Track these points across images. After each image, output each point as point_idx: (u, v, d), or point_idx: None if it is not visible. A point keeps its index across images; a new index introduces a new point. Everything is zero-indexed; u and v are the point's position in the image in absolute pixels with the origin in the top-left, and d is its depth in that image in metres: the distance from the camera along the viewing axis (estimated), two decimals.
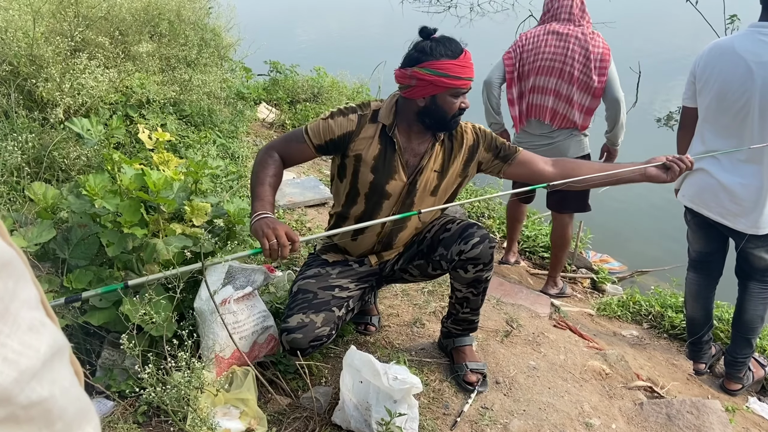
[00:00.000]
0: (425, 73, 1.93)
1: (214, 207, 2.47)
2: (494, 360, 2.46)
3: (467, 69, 1.96)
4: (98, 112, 3.38)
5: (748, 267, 2.72)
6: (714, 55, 2.49)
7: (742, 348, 2.85)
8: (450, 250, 2.12)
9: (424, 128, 2.08)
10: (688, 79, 2.62)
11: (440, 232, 2.21)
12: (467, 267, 2.12)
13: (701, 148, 2.60)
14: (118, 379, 2.19)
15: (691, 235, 2.88)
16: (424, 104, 2.01)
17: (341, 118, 2.08)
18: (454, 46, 1.95)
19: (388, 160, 2.09)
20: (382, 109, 2.09)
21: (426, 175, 2.13)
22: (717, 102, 2.48)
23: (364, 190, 2.13)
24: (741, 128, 2.44)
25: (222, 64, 4.82)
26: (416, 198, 2.15)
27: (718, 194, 2.55)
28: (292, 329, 2.08)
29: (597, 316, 3.59)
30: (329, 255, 2.34)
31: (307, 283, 2.22)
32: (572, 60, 3.19)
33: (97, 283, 2.19)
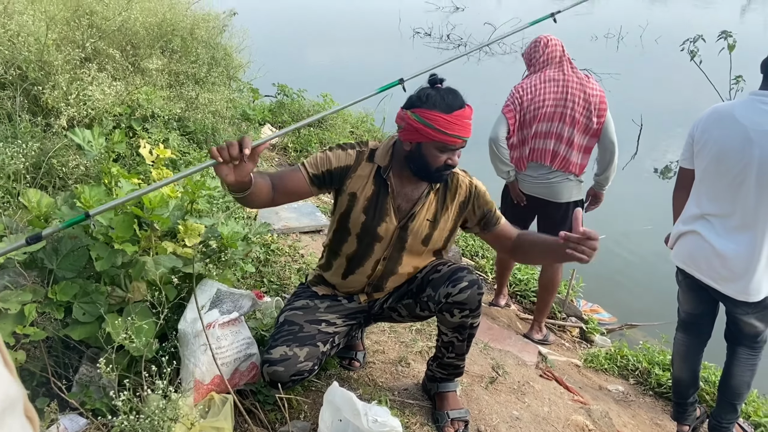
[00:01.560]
0: (413, 119, 1.92)
1: (208, 228, 2.46)
2: (477, 407, 2.42)
3: (458, 126, 1.91)
4: (102, 123, 3.39)
5: (737, 332, 2.71)
6: (713, 120, 2.52)
7: (727, 413, 2.81)
8: (438, 292, 2.09)
9: (412, 174, 2.06)
10: (687, 141, 2.64)
11: (430, 273, 2.18)
12: (453, 311, 2.09)
13: (696, 210, 2.61)
14: (94, 396, 2.14)
15: (681, 295, 2.87)
16: (410, 149, 1.99)
17: (340, 151, 2.07)
18: (451, 100, 1.91)
19: (380, 202, 2.08)
20: (379, 149, 2.08)
21: (418, 222, 2.12)
22: (714, 166, 2.50)
23: (355, 231, 2.11)
24: (736, 195, 2.45)
25: (230, 84, 4.86)
26: (407, 244, 2.14)
27: (710, 258, 2.55)
28: (274, 361, 2.04)
29: (584, 367, 3.56)
30: (319, 288, 2.32)
31: (294, 314, 2.19)
32: (573, 104, 3.27)
33: (82, 296, 2.16)
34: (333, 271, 2.26)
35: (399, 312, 2.30)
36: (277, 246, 3.40)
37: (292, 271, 3.23)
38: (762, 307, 2.58)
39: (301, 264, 3.35)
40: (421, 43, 14.05)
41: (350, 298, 2.27)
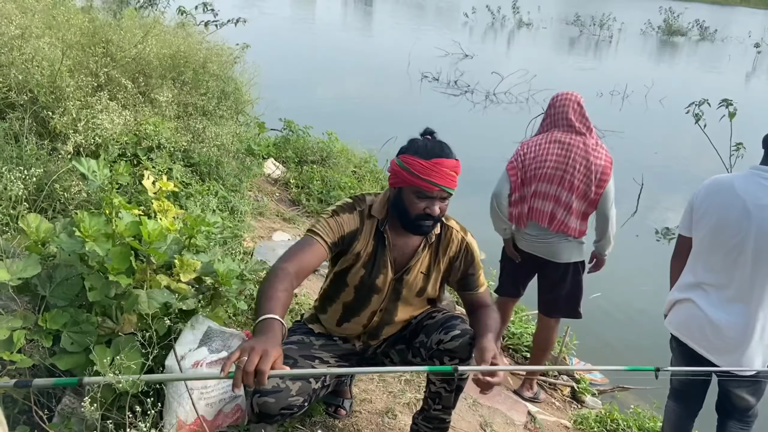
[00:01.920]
0: (396, 162, 1.98)
1: (204, 265, 2.45)
2: None
3: (435, 173, 1.91)
4: (107, 150, 3.41)
5: (728, 405, 2.68)
6: (713, 191, 2.54)
7: None
8: (430, 338, 2.11)
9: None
10: (686, 209, 2.66)
11: (425, 320, 2.21)
12: (443, 359, 2.08)
13: (692, 279, 2.61)
14: (74, 428, 2.11)
15: (675, 362, 2.85)
16: (393, 194, 2.03)
17: (347, 215, 2.06)
18: (434, 148, 1.94)
19: (378, 256, 2.09)
20: (376, 203, 2.09)
21: (413, 275, 2.14)
22: (711, 237, 2.51)
23: (353, 283, 2.13)
24: (733, 267, 2.45)
25: (238, 118, 4.91)
26: (402, 295, 2.16)
27: (704, 327, 2.55)
28: (266, 392, 1.99)
29: (573, 429, 3.50)
30: (315, 326, 2.31)
31: (289, 348, 2.16)
32: (573, 169, 3.23)
33: (72, 326, 2.15)
34: (328, 316, 2.26)
35: (391, 358, 2.29)
36: None
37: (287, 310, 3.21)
38: (754, 381, 2.55)
39: (294, 304, 3.33)
40: (429, 87, 14.26)
41: (345, 340, 2.27)
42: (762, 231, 2.36)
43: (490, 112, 12.84)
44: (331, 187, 5.62)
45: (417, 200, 1.96)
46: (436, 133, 2.03)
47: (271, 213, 4.80)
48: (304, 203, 5.37)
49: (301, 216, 5.15)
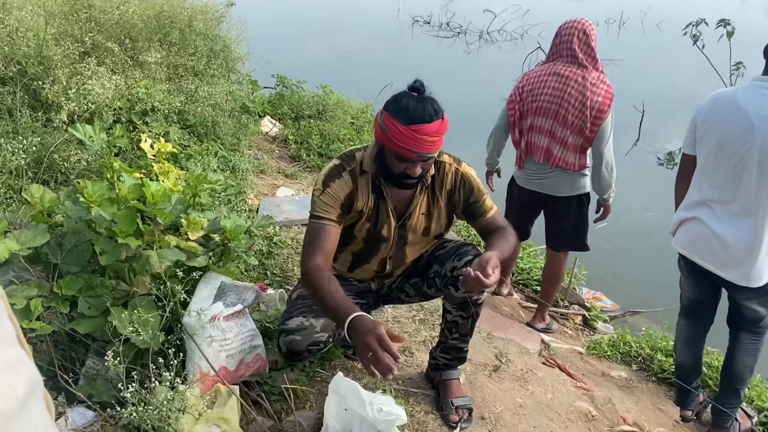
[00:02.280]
0: (378, 121, 1.92)
1: (211, 222, 2.47)
2: (481, 395, 2.43)
3: (412, 141, 1.84)
4: (102, 117, 3.39)
5: (739, 317, 2.72)
6: (715, 106, 2.51)
7: (730, 398, 2.83)
8: (444, 267, 2.15)
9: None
10: (689, 127, 2.64)
11: (437, 250, 2.25)
12: (458, 284, 2.10)
13: (697, 197, 2.61)
14: (101, 389, 2.16)
15: (683, 281, 2.88)
16: (377, 149, 2.00)
17: (337, 182, 2.01)
18: (417, 111, 1.84)
19: (379, 208, 2.10)
20: (366, 158, 2.05)
21: (414, 218, 2.15)
22: (716, 152, 2.49)
23: (361, 236, 2.14)
24: (738, 181, 2.45)
25: (229, 76, 4.85)
26: (409, 239, 2.18)
27: (712, 244, 2.56)
28: (291, 331, 2.07)
29: (587, 354, 3.57)
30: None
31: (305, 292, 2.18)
32: (568, 104, 3.11)
33: (87, 290, 2.18)
34: (338, 264, 2.29)
35: (407, 292, 2.34)
36: (279, 238, 3.41)
37: (294, 264, 3.24)
38: (764, 293, 2.58)
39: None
40: (421, 31, 14.00)
41: (360, 280, 2.32)
42: (766, 143, 2.34)
43: (485, 52, 12.63)
44: (330, 141, 5.58)
45: (397, 162, 1.93)
46: (424, 89, 1.91)
47: (273, 170, 4.78)
48: (305, 158, 5.34)
49: (302, 171, 5.14)
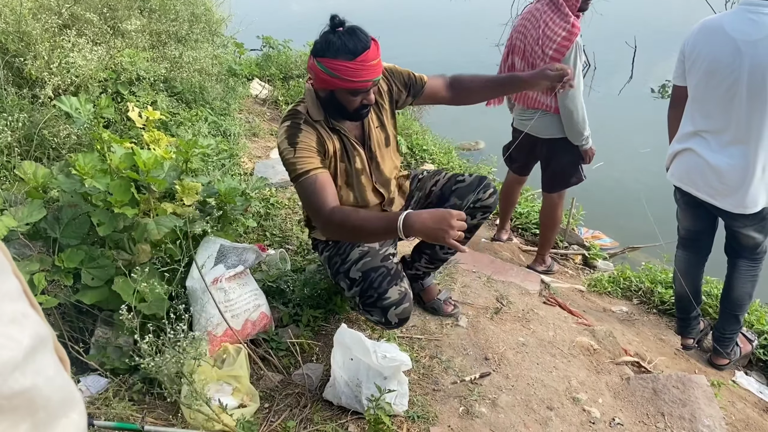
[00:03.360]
0: (320, 69, 1.90)
1: (205, 186, 2.47)
2: (484, 337, 2.49)
3: (365, 71, 1.88)
4: (88, 90, 3.36)
5: (737, 245, 2.75)
6: (703, 35, 2.48)
7: (730, 324, 2.89)
8: (466, 199, 2.28)
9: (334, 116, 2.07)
10: (678, 58, 2.61)
11: (452, 184, 2.35)
12: (477, 214, 2.32)
13: (690, 128, 2.61)
14: (112, 356, 2.21)
15: (680, 213, 2.90)
16: (324, 96, 2.01)
17: (302, 135, 2.00)
18: (356, 43, 1.86)
19: (345, 145, 2.12)
20: (310, 108, 2.05)
21: (373, 136, 2.19)
22: (705, 82, 2.48)
23: (342, 180, 2.16)
24: (728, 110, 2.44)
25: (213, 39, 4.77)
26: (378, 158, 2.22)
27: (706, 174, 2.57)
28: (399, 301, 2.07)
29: (588, 292, 3.63)
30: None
31: (367, 262, 2.17)
32: (528, 39, 3.06)
33: (89, 262, 2.20)
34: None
35: None
36: (276, 199, 3.42)
37: (293, 223, 3.26)
38: (759, 219, 2.60)
39: (301, 215, 3.38)
40: None
41: None
42: (754, 68, 2.32)
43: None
44: None
45: (353, 98, 1.96)
46: (345, 20, 1.92)
47: (265, 133, 4.76)
48: None
49: None
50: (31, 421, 0.52)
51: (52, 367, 0.56)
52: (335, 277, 2.26)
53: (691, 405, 2.33)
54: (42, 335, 0.55)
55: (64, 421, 0.55)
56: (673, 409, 2.32)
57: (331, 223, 1.94)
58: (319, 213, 1.95)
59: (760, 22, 2.32)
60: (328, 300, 2.54)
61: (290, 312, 2.47)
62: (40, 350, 0.54)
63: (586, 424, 2.16)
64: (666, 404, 2.34)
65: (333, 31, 1.90)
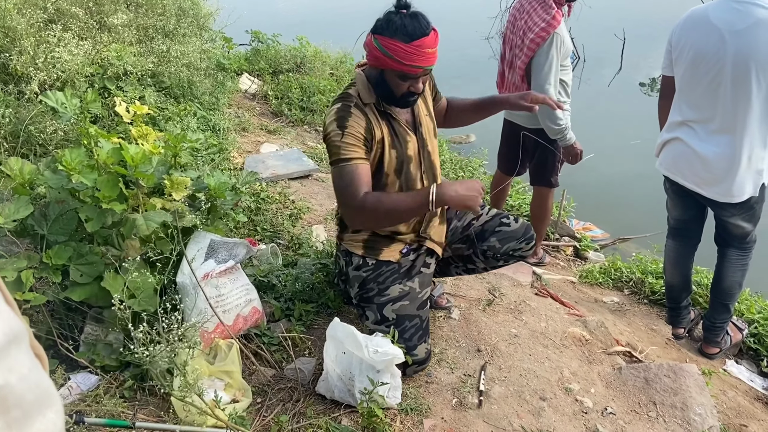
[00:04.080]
0: (375, 46, 1.91)
1: (195, 181, 2.45)
2: (476, 329, 2.49)
3: (417, 56, 1.86)
4: (74, 85, 3.32)
5: (726, 235, 2.76)
6: (689, 24, 2.49)
7: (720, 313, 2.90)
8: (507, 245, 2.30)
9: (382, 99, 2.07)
10: (666, 48, 2.62)
11: (495, 224, 2.32)
12: (510, 261, 2.36)
13: (678, 117, 2.62)
14: (102, 353, 2.19)
15: (669, 203, 2.91)
16: (375, 75, 2.00)
17: (352, 119, 1.98)
18: (415, 27, 1.85)
19: (396, 131, 2.09)
20: (362, 91, 2.04)
21: (424, 123, 2.18)
22: (691, 72, 2.49)
23: (391, 168, 2.10)
24: (714, 99, 2.45)
25: (201, 34, 4.73)
26: (429, 147, 2.20)
27: (693, 163, 2.58)
28: (422, 360, 2.14)
29: (579, 283, 3.64)
30: (383, 252, 2.20)
31: (404, 306, 2.14)
32: (516, 29, 3.07)
33: (77, 258, 2.18)
34: None
35: (454, 263, 2.46)
36: (266, 194, 3.40)
37: (284, 218, 3.25)
38: (747, 208, 2.62)
39: (292, 210, 3.36)
40: None
41: (416, 249, 2.26)
42: (738, 57, 2.33)
43: None
44: (311, 93, 5.51)
45: (401, 81, 1.96)
46: (410, 4, 1.93)
47: (255, 127, 4.74)
48: (287, 114, 5.28)
49: (285, 126, 5.09)
50: (3, 419, 0.50)
51: (27, 364, 0.55)
52: (363, 302, 2.19)
53: (683, 394, 2.34)
54: (16, 331, 0.54)
55: (40, 419, 0.54)
56: (664, 398, 2.33)
57: (364, 208, 1.95)
58: (353, 198, 1.96)
59: (745, 12, 2.33)
60: (320, 294, 2.53)
61: (282, 306, 2.46)
62: (13, 347, 0.53)
63: (578, 414, 2.16)
64: (658, 393, 2.35)
65: (397, 11, 1.90)
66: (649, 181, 5.72)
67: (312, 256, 2.79)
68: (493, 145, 3.89)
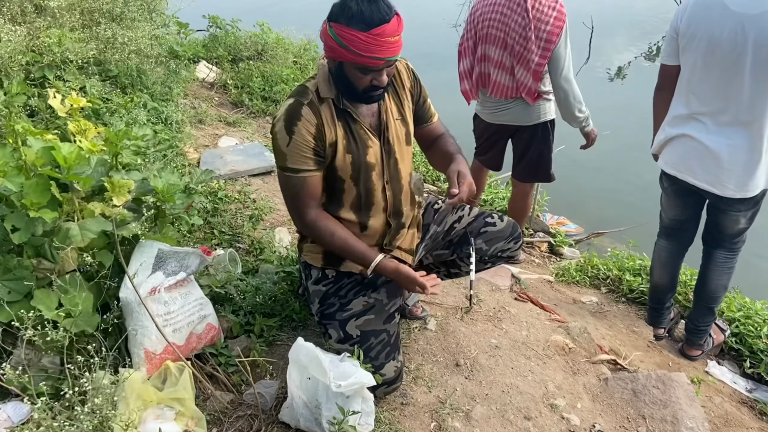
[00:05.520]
0: (330, 35, 1.66)
1: (140, 183, 2.19)
2: (454, 340, 2.30)
3: (377, 47, 1.61)
4: (8, 75, 3.00)
5: (718, 233, 2.61)
6: (699, 9, 2.29)
7: (704, 316, 2.78)
8: (494, 246, 2.15)
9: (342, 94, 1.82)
10: (669, 35, 2.42)
11: (479, 225, 2.14)
12: (498, 262, 2.23)
13: (684, 110, 2.42)
14: (35, 380, 1.93)
15: (666, 201, 2.73)
16: (334, 68, 1.75)
17: (300, 123, 1.75)
18: (373, 13, 1.60)
19: (354, 133, 1.84)
20: (321, 84, 1.80)
21: (392, 127, 1.91)
22: (703, 60, 2.30)
23: (347, 174, 1.87)
24: (728, 90, 2.26)
25: (152, 18, 4.41)
26: (396, 154, 1.93)
27: (705, 159, 2.39)
28: (393, 380, 1.92)
29: (556, 282, 3.49)
30: (347, 263, 1.98)
31: (369, 321, 1.93)
32: (512, 30, 2.79)
33: (5, 273, 1.91)
34: (350, 229, 1.97)
35: (424, 261, 2.23)
36: (225, 193, 3.14)
37: (244, 219, 3.00)
38: (754, 203, 2.46)
39: (253, 210, 3.12)
40: None
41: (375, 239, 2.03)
42: (759, 42, 2.14)
43: None
44: (273, 83, 5.24)
45: (362, 75, 1.71)
46: None
47: (213, 119, 4.45)
48: (247, 104, 5.00)
49: (246, 118, 4.81)
50: None
51: None
52: (325, 319, 1.97)
53: (673, 406, 2.20)
54: None
55: None
56: (654, 411, 2.19)
57: (311, 230, 1.89)
58: (300, 216, 1.88)
59: None
60: (284, 305, 2.31)
61: (241, 321, 2.23)
62: None
63: None
64: (647, 406, 2.20)
65: None
66: (620, 173, 5.64)
67: (275, 262, 2.56)
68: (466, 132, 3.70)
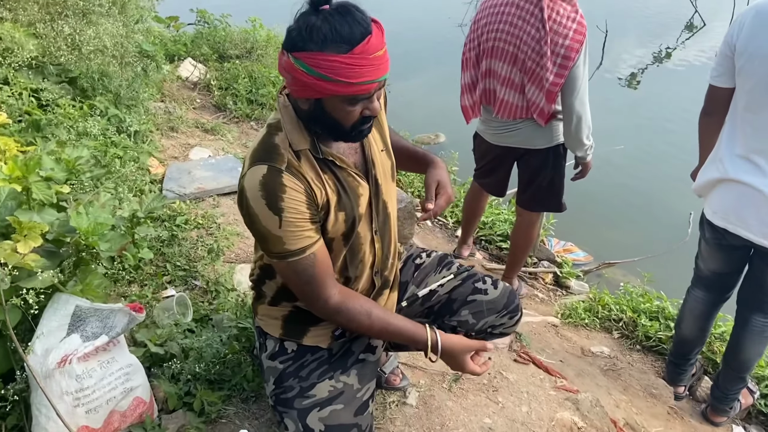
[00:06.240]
0: (300, 68, 1.23)
1: (60, 222, 1.80)
2: (439, 419, 1.90)
3: (368, 67, 1.23)
4: None
5: (762, 294, 2.19)
6: (760, 23, 1.88)
7: (735, 384, 2.39)
8: (483, 321, 1.72)
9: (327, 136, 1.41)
10: (722, 52, 2.01)
11: (467, 291, 1.72)
12: (488, 338, 1.74)
13: (738, 149, 2.01)
14: None
15: (707, 251, 2.32)
16: (308, 108, 1.33)
17: (287, 195, 1.32)
18: (351, 27, 1.21)
19: (344, 183, 1.43)
20: (291, 134, 1.37)
21: (378, 162, 1.51)
22: (764, 86, 1.89)
23: (338, 232, 1.46)
24: None
25: (125, 12, 3.99)
26: (384, 195, 1.54)
27: (761, 210, 1.99)
28: None
29: (562, 325, 3.09)
30: (311, 335, 1.59)
31: (336, 413, 1.50)
32: (519, 41, 2.41)
33: None
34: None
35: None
36: (185, 218, 2.74)
37: (205, 249, 2.61)
38: None
39: (217, 236, 2.72)
40: None
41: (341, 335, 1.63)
42: None
43: None
44: (260, 85, 4.83)
45: (350, 108, 1.29)
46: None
47: (189, 125, 4.05)
48: (231, 107, 4.60)
49: (227, 123, 4.41)
50: None
51: None
52: (280, 405, 1.53)
53: None
54: None
55: None
56: None
57: (335, 318, 1.49)
58: (321, 303, 1.45)
59: None
60: (234, 370, 1.91)
61: (180, 392, 1.84)
62: None
63: None
64: None
65: (316, 11, 1.22)
66: (634, 193, 5.23)
67: (229, 311, 2.17)
68: (465, 148, 3.29)
